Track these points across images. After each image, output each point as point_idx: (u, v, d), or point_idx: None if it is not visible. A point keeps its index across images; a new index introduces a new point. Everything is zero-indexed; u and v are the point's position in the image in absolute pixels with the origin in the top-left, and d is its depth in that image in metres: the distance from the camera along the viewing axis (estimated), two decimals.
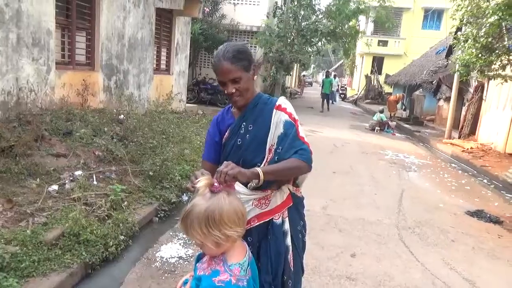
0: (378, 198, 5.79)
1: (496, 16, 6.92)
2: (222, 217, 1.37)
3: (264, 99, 1.86)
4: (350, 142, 10.80)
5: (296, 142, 1.74)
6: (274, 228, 1.79)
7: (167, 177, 4.94)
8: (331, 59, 46.86)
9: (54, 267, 2.83)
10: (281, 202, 1.81)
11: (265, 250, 1.79)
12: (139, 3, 8.19)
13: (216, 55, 1.74)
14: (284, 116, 1.78)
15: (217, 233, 1.36)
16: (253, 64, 1.80)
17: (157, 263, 3.37)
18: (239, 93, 1.76)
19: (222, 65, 1.70)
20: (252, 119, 1.81)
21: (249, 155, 1.78)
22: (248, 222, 1.76)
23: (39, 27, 5.44)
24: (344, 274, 3.42)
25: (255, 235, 1.79)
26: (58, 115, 5.48)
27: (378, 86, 26.31)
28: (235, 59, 1.70)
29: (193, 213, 1.39)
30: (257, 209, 1.78)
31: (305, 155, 1.73)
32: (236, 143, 1.81)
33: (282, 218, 1.82)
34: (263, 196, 1.78)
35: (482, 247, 4.34)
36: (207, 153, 1.94)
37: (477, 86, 11.91)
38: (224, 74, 1.72)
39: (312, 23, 16.93)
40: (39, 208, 3.53)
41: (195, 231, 1.38)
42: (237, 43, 1.82)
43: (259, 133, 1.78)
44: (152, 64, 9.22)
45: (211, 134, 1.94)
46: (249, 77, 1.77)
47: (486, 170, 8.25)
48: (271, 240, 1.78)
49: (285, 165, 1.71)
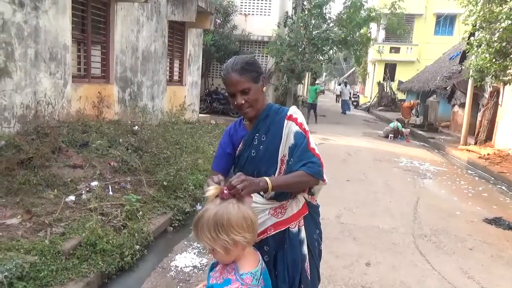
0: (393, 206, 5.72)
1: (510, 21, 6.85)
2: (230, 222, 1.40)
3: (275, 109, 1.87)
4: (363, 149, 10.73)
5: (306, 154, 1.73)
6: (291, 237, 1.80)
7: (181, 187, 4.98)
8: (343, 67, 46.77)
9: (72, 277, 2.88)
10: (297, 210, 1.81)
11: (282, 259, 1.79)
12: (152, 17, 8.36)
13: (225, 67, 1.77)
14: (295, 127, 1.78)
15: (225, 238, 1.38)
16: (263, 75, 1.82)
17: (172, 272, 3.40)
18: (249, 104, 1.78)
19: (231, 77, 1.74)
20: (264, 130, 1.83)
21: (263, 166, 1.79)
22: (265, 231, 1.78)
23: (56, 42, 5.60)
24: (359, 283, 3.39)
25: (271, 244, 1.80)
26: (75, 127, 5.61)
27: (391, 93, 26.12)
28: (244, 71, 1.74)
29: (203, 218, 1.43)
30: (273, 218, 1.79)
31: (313, 168, 1.71)
32: (250, 155, 1.83)
33: (298, 226, 1.81)
34: (279, 205, 1.79)
35: (502, 255, 4.25)
36: (217, 163, 1.97)
37: (493, 92, 11.73)
38: (233, 85, 1.75)
39: (323, 31, 16.95)
40: (57, 218, 3.61)
41: (204, 235, 1.41)
42: (246, 56, 1.85)
43: (272, 144, 1.79)
44: (165, 75, 9.37)
45: (223, 145, 1.97)
46: (259, 88, 1.79)
47: (504, 176, 8.09)
48: (288, 249, 1.79)
49: (292, 178, 1.70)
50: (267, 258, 1.77)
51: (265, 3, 16.42)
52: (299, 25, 16.46)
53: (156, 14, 8.51)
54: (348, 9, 16.90)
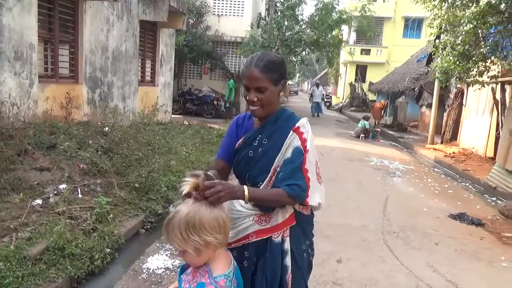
0: (364, 204, 5.87)
1: (472, 25, 7.15)
2: (202, 223, 1.39)
3: (286, 115, 1.80)
4: (336, 149, 10.93)
5: (295, 175, 1.67)
6: (273, 246, 1.74)
7: (153, 188, 4.93)
8: (316, 68, 47.42)
9: (39, 282, 2.80)
10: (282, 221, 1.75)
11: (262, 268, 1.74)
12: (123, 16, 8.22)
13: (250, 59, 1.71)
14: (297, 142, 1.71)
15: (197, 239, 1.37)
16: (284, 79, 1.76)
17: (144, 275, 3.36)
18: (260, 103, 1.70)
19: (251, 71, 1.67)
20: (268, 133, 1.77)
21: (256, 170, 1.75)
22: (247, 237, 1.75)
23: (21, 40, 5.42)
24: (330, 280, 3.46)
25: (252, 250, 1.76)
26: (42, 128, 5.44)
27: (362, 94, 26.70)
28: (266, 69, 1.67)
29: (174, 219, 1.41)
30: (256, 225, 1.74)
31: (295, 191, 1.65)
32: (247, 155, 1.78)
33: (282, 237, 1.75)
34: (264, 213, 1.75)
35: (465, 249, 4.44)
36: (222, 152, 1.91)
37: (457, 92, 12.22)
38: (250, 80, 1.68)
39: (296, 33, 17.17)
40: (23, 223, 3.49)
41: (175, 236, 1.39)
42: (276, 55, 1.78)
43: (271, 150, 1.73)
44: (136, 76, 9.23)
45: (229, 132, 1.91)
46: (275, 91, 1.72)
47: (468, 174, 8.44)
48: (268, 259, 1.74)
49: (271, 195, 1.68)
50: (246, 264, 1.74)
51: (238, 3, 16.44)
52: (272, 26, 16.60)
53: (127, 13, 8.37)
54: (320, 11, 17.20)
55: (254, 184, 1.72)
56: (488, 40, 8.07)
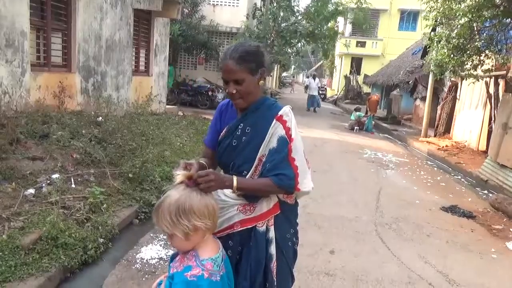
0: (357, 196, 5.91)
1: (467, 18, 7.15)
2: (192, 207, 1.41)
3: (268, 104, 1.80)
4: (330, 141, 10.96)
5: (282, 164, 1.68)
6: (257, 236, 1.74)
7: (147, 179, 4.91)
8: (311, 60, 47.30)
9: (32, 272, 2.79)
10: (266, 210, 1.76)
11: (246, 256, 1.75)
12: (117, 4, 8.10)
13: (225, 52, 1.70)
14: (281, 131, 1.71)
15: (186, 223, 1.39)
16: (263, 68, 1.73)
17: (138, 265, 3.36)
18: (240, 95, 1.70)
19: (227, 64, 1.66)
20: (251, 122, 1.76)
21: (240, 158, 1.75)
22: (231, 226, 1.75)
23: (13, 28, 5.33)
24: (323, 270, 3.49)
25: (236, 239, 1.76)
26: (34, 117, 5.38)
27: (357, 86, 26.72)
28: (241, 60, 1.65)
29: (165, 203, 1.43)
30: (241, 215, 1.75)
31: (283, 181, 1.67)
32: (231, 144, 1.78)
33: (267, 226, 1.76)
34: (249, 202, 1.75)
35: (456, 241, 4.50)
36: (208, 138, 1.93)
37: (451, 86, 12.27)
38: (227, 73, 1.68)
39: (292, 24, 17.08)
40: (15, 212, 3.47)
41: (165, 219, 1.41)
42: (251, 44, 1.76)
43: (254, 139, 1.73)
44: (130, 65, 9.14)
45: (214, 120, 1.92)
46: (254, 80, 1.71)
47: (460, 167, 8.52)
48: (253, 247, 1.74)
49: (259, 185, 1.69)
50: (230, 253, 1.74)
51: None
52: (268, 17, 16.48)
53: (121, 1, 8.25)
54: (316, 2, 17.10)
55: (239, 173, 1.73)
56: (483, 34, 8.08)
